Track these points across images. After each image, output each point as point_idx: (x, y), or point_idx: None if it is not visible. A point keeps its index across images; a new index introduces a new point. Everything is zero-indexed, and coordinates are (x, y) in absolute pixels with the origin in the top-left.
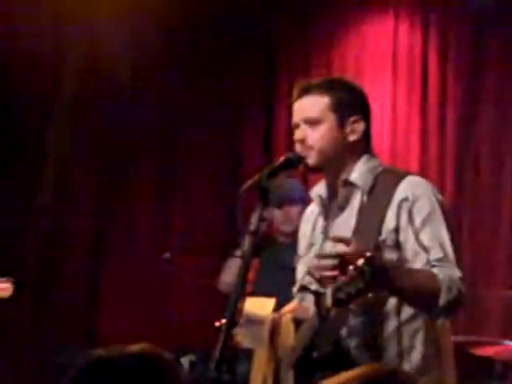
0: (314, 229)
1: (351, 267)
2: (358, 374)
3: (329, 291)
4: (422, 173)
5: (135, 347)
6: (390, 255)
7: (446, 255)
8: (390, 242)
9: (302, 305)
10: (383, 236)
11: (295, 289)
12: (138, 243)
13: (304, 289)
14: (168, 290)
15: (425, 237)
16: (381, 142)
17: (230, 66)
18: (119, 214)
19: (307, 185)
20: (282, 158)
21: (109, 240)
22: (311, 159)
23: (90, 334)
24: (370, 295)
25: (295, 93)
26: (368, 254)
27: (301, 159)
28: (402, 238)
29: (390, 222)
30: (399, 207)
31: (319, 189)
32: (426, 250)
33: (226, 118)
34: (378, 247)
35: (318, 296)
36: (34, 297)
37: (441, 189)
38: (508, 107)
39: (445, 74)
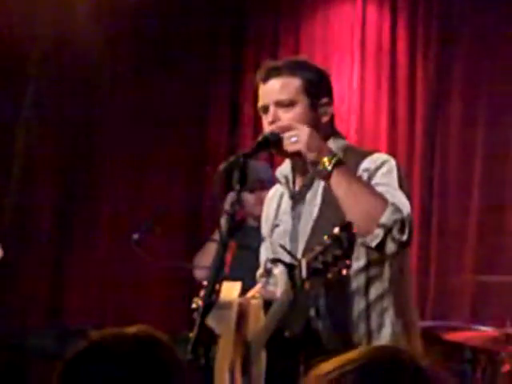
0: (277, 210)
1: (325, 236)
2: (359, 354)
3: (303, 262)
4: (390, 153)
5: (131, 329)
6: None
7: (394, 201)
8: None
9: (267, 288)
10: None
11: (259, 273)
12: (103, 226)
13: (275, 261)
14: (135, 273)
15: (380, 188)
16: (348, 123)
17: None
18: (83, 196)
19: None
20: (259, 138)
21: (73, 222)
22: (287, 141)
23: (55, 320)
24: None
25: (262, 74)
26: (344, 222)
27: (279, 139)
28: None
29: None
30: (360, 177)
31: (284, 169)
32: None
33: (194, 95)
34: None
35: (292, 268)
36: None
37: (409, 170)
38: (477, 86)
39: (414, 53)
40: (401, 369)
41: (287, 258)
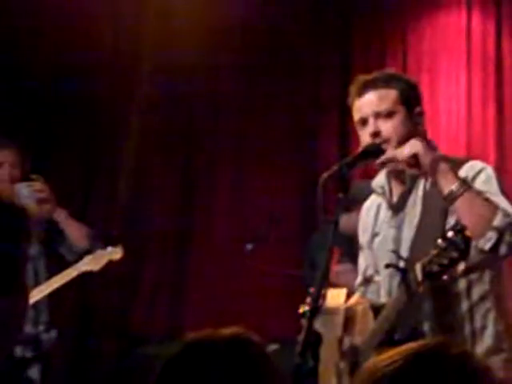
0: (376, 219)
1: (440, 240)
2: (406, 349)
3: (418, 266)
4: (499, 163)
5: (227, 331)
6: None
7: (503, 206)
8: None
9: (366, 296)
10: (449, 219)
11: (357, 282)
12: (218, 236)
13: (389, 266)
14: (249, 281)
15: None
16: (457, 134)
17: (307, 66)
18: (199, 210)
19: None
20: (360, 148)
21: (190, 234)
22: (389, 150)
23: (174, 326)
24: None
25: (358, 88)
26: (458, 226)
27: (380, 150)
28: None
29: None
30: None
31: (380, 180)
32: None
33: (303, 116)
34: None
35: (405, 273)
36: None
37: None
38: None
39: None
40: (445, 365)
41: (401, 264)
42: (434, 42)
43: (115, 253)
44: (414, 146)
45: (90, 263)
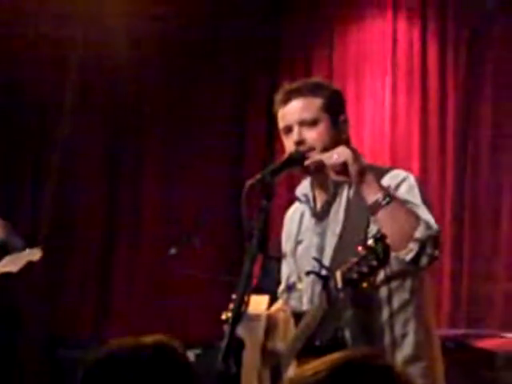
0: (299, 227)
1: (360, 248)
2: (331, 359)
3: (338, 273)
4: (423, 170)
5: (149, 338)
6: None
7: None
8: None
9: (289, 303)
10: (371, 227)
11: (280, 289)
12: (145, 234)
13: (309, 274)
14: (173, 284)
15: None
16: (381, 140)
17: (235, 64)
18: (127, 204)
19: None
20: (284, 156)
21: (118, 231)
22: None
23: (97, 326)
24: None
25: (283, 96)
26: (378, 234)
27: (305, 157)
28: None
29: None
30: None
31: (304, 188)
32: None
33: (231, 119)
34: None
35: (326, 280)
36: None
37: (442, 184)
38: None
39: (444, 69)
40: (369, 376)
41: (322, 272)
42: (360, 48)
43: (34, 254)
44: (342, 154)
45: (8, 264)
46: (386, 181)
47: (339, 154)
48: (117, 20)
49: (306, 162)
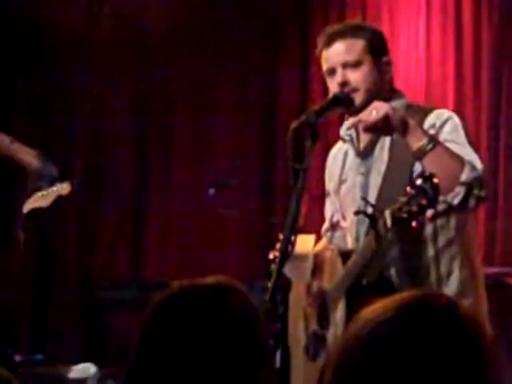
0: (343, 166)
1: (409, 187)
2: (398, 299)
3: (387, 212)
4: (458, 107)
5: (209, 279)
6: None
7: (470, 159)
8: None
9: (333, 242)
10: (416, 166)
11: (324, 227)
12: (177, 179)
13: (358, 213)
14: (210, 226)
15: (450, 145)
16: (416, 76)
17: (265, 17)
18: (158, 152)
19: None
20: (329, 96)
21: (150, 176)
22: (358, 99)
23: (134, 272)
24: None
25: (325, 38)
26: (427, 173)
27: (349, 98)
28: None
29: None
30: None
31: (348, 126)
32: None
33: (262, 54)
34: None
35: (375, 220)
36: (78, 234)
37: (476, 121)
38: None
39: (478, 7)
40: (434, 315)
41: (368, 210)
42: None
43: (63, 189)
44: (381, 109)
45: (38, 200)
46: (431, 120)
47: (377, 110)
48: None
49: (342, 131)
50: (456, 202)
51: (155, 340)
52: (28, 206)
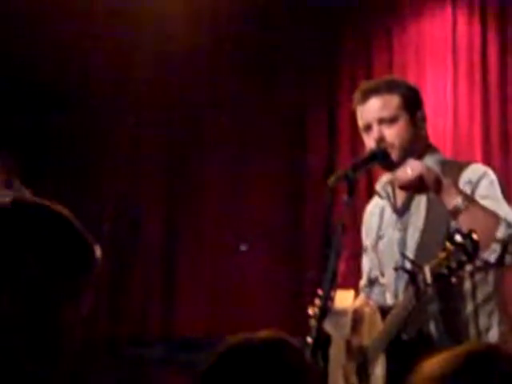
0: (380, 222)
1: (448, 243)
2: (462, 351)
3: (427, 268)
4: (485, 162)
5: (263, 333)
6: None
7: (505, 216)
8: None
9: (371, 298)
10: (453, 223)
11: (362, 283)
12: (208, 234)
13: (397, 269)
14: (241, 283)
15: (486, 202)
16: (444, 131)
17: (292, 64)
18: (188, 208)
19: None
20: (366, 152)
21: (180, 230)
22: (394, 155)
23: (166, 325)
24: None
25: (361, 95)
26: (466, 230)
27: (386, 154)
28: None
29: None
30: (463, 190)
31: (383, 183)
32: None
33: (290, 114)
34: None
35: (414, 275)
36: (110, 284)
37: (505, 176)
38: None
39: (505, 59)
40: (498, 366)
41: (407, 266)
42: (420, 41)
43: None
44: (416, 168)
45: None
46: (466, 175)
47: (412, 168)
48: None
49: (378, 187)
50: (492, 259)
51: None
52: None
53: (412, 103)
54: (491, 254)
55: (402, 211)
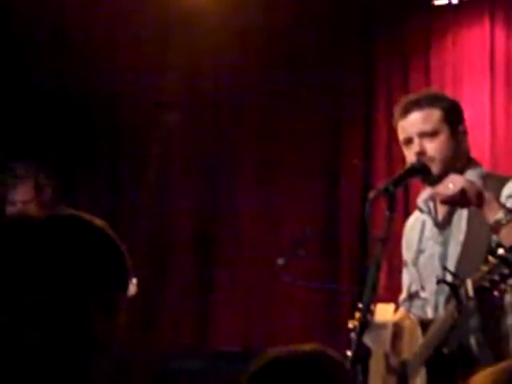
0: (421, 236)
1: (490, 257)
2: (509, 365)
3: (469, 282)
4: None
5: (306, 346)
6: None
7: None
8: None
9: (412, 311)
10: (495, 236)
11: (402, 297)
12: (245, 247)
13: (440, 282)
14: (278, 296)
15: None
16: (481, 147)
17: (328, 82)
18: (224, 218)
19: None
20: (407, 166)
21: (215, 243)
22: (434, 169)
23: (201, 339)
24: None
25: (402, 108)
26: (509, 243)
27: (426, 167)
28: None
29: None
30: (505, 204)
31: (424, 198)
32: None
33: (325, 130)
34: (491, 247)
35: (456, 289)
36: (143, 299)
37: None
38: None
39: None
40: None
41: (449, 279)
42: (457, 57)
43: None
44: (458, 182)
45: None
46: (508, 190)
47: (454, 183)
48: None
49: (420, 201)
50: None
51: None
52: None
53: (453, 117)
54: None
55: (443, 225)
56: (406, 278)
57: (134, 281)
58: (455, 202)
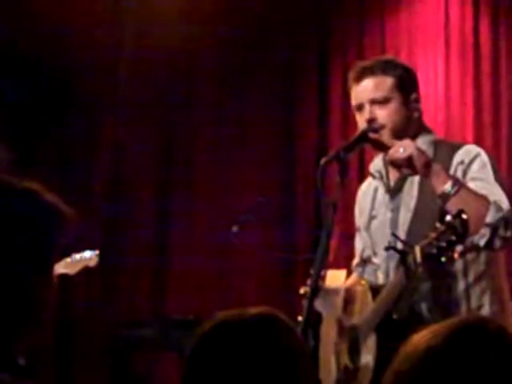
0: (373, 202)
1: (438, 223)
2: (451, 323)
3: (417, 248)
4: (477, 143)
5: (255, 309)
6: None
7: (495, 200)
8: None
9: (363, 277)
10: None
11: (354, 262)
12: (200, 218)
13: (388, 249)
14: (232, 264)
15: (477, 184)
16: (435, 114)
17: (283, 44)
18: (180, 191)
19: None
20: (357, 132)
21: (171, 211)
22: (385, 136)
23: (156, 308)
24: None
25: (355, 74)
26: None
27: (376, 134)
28: None
29: None
30: (455, 171)
31: (377, 164)
32: None
33: (280, 95)
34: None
35: (405, 255)
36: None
37: (496, 158)
38: None
39: (497, 43)
40: (487, 338)
41: (399, 246)
42: (412, 23)
43: (91, 259)
44: (408, 148)
45: (67, 266)
46: (459, 157)
47: (404, 148)
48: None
49: (372, 167)
50: (482, 243)
51: (201, 368)
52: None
53: (406, 85)
54: (481, 239)
55: (394, 192)
56: (359, 243)
57: (96, 252)
58: (402, 166)
